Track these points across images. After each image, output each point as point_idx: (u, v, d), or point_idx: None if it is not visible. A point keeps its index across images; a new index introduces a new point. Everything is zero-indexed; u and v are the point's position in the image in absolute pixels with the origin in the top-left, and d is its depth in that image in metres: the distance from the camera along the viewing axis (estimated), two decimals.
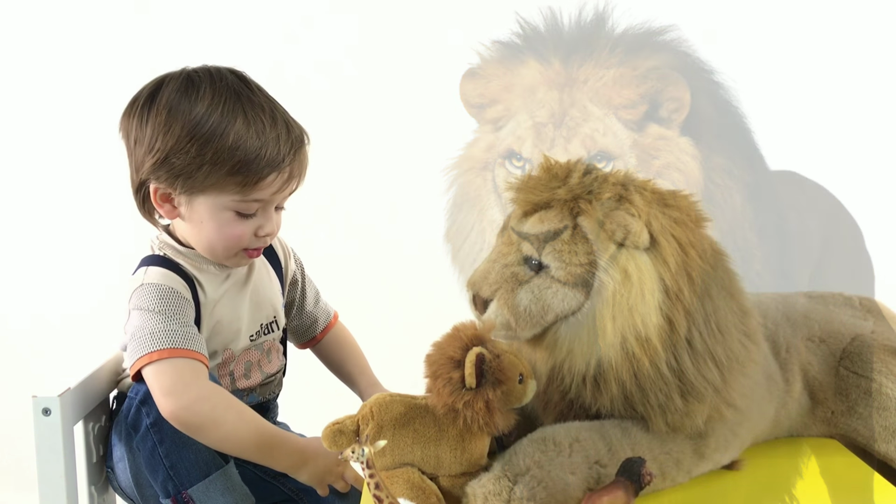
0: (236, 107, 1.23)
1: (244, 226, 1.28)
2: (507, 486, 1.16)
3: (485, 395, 1.17)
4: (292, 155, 1.26)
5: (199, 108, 1.23)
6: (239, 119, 1.22)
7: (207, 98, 1.24)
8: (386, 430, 1.20)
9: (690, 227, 1.25)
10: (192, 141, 1.22)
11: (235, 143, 1.21)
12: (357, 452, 1.14)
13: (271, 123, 1.24)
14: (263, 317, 1.40)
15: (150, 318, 1.24)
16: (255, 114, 1.24)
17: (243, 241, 1.29)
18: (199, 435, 1.21)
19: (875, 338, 1.44)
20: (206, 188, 1.24)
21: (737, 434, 1.30)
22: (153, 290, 1.26)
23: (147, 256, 1.33)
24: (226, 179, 1.23)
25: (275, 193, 1.27)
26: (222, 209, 1.26)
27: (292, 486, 1.42)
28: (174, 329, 1.22)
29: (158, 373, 1.20)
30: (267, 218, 1.29)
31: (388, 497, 1.14)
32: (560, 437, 1.19)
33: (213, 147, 1.21)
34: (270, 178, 1.24)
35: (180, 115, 1.23)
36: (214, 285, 1.33)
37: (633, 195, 1.21)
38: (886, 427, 1.37)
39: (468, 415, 1.17)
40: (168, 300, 1.25)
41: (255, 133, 1.22)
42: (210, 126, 1.22)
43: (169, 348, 1.21)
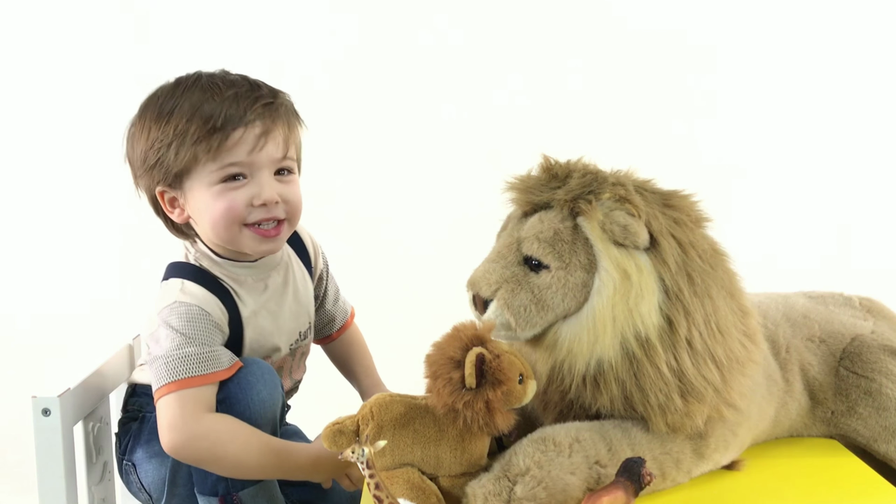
0: (195, 84, 1.24)
1: (235, 196, 1.23)
2: (506, 487, 1.16)
3: (485, 395, 1.17)
4: (259, 109, 1.22)
5: (163, 101, 1.24)
6: (195, 92, 1.22)
7: (169, 90, 1.25)
8: (386, 430, 1.20)
9: (690, 227, 1.25)
10: (158, 129, 1.22)
11: (191, 111, 1.20)
12: (357, 453, 1.13)
13: (229, 85, 1.23)
14: (301, 324, 1.38)
15: (174, 340, 1.21)
16: (213, 83, 1.23)
17: (237, 212, 1.24)
18: (203, 468, 1.21)
19: (875, 338, 1.44)
20: (187, 169, 1.22)
21: (737, 434, 1.30)
22: (185, 310, 1.23)
23: (183, 265, 1.30)
24: (195, 150, 1.20)
25: (252, 153, 1.22)
26: (208, 185, 1.23)
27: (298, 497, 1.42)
28: (192, 353, 1.20)
29: (165, 406, 1.20)
30: (259, 185, 1.23)
31: (388, 497, 1.14)
32: (560, 438, 1.19)
33: (173, 124, 1.21)
34: (237, 134, 1.21)
35: (148, 112, 1.26)
36: (254, 296, 1.30)
37: (632, 195, 1.21)
38: (886, 427, 1.37)
39: (468, 415, 1.17)
40: (197, 323, 1.22)
41: (210, 96, 1.21)
42: (170, 106, 1.22)
43: (179, 380, 1.19)
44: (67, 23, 2.37)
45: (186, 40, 2.36)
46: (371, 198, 2.37)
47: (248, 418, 1.21)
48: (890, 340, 1.44)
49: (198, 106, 1.21)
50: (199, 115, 1.20)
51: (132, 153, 1.29)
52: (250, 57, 2.30)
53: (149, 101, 1.28)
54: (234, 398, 1.21)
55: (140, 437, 1.32)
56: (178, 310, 1.23)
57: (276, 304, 1.33)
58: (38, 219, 2.41)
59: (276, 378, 1.27)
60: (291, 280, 1.36)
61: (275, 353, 1.34)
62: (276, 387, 1.25)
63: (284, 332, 1.34)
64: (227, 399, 1.21)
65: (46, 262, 2.41)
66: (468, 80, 2.41)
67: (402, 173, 2.41)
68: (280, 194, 1.25)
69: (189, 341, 1.20)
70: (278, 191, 1.25)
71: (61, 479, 1.25)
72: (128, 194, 1.34)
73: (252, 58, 2.28)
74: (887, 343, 1.44)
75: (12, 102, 2.39)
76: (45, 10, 2.37)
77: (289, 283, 1.35)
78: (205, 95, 1.21)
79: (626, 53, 2.42)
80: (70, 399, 1.27)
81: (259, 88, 1.25)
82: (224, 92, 1.22)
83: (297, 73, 2.36)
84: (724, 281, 1.25)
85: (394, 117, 2.41)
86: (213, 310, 1.24)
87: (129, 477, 1.35)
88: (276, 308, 1.33)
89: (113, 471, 1.45)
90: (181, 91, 1.24)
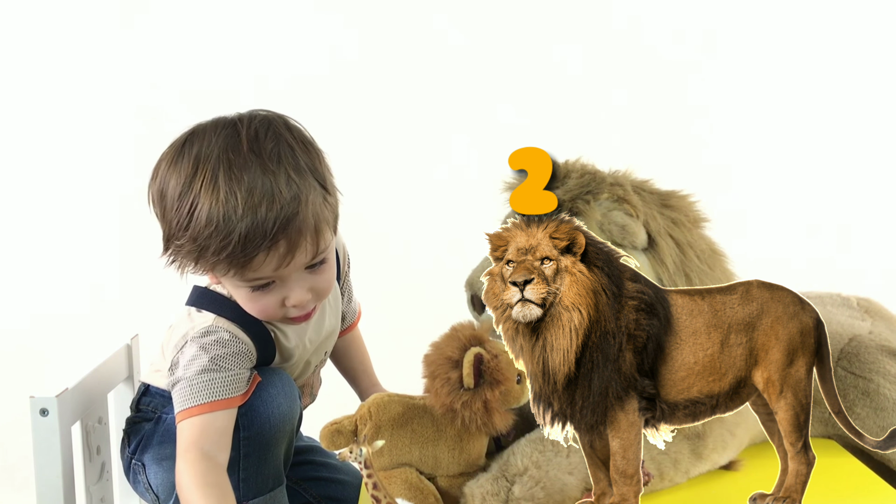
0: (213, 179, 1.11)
1: (266, 300, 1.18)
2: (504, 487, 1.16)
3: (483, 395, 1.17)
4: (281, 225, 1.11)
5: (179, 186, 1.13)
6: (213, 197, 1.10)
7: (184, 172, 1.13)
8: (384, 430, 1.20)
9: (689, 227, 1.25)
10: (177, 227, 1.14)
11: (208, 229, 1.10)
12: (355, 452, 1.14)
13: (248, 195, 1.10)
14: (329, 345, 1.39)
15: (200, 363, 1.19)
16: (232, 188, 1.10)
17: (272, 313, 1.20)
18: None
19: (873, 338, 1.44)
20: (207, 271, 1.17)
21: (734, 434, 1.30)
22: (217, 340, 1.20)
23: (219, 298, 1.24)
24: (216, 264, 1.13)
25: (277, 269, 1.14)
26: (235, 287, 1.18)
27: (315, 491, 1.43)
28: (213, 378, 1.19)
29: (182, 430, 1.19)
30: (289, 288, 1.17)
31: (386, 497, 1.14)
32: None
33: (191, 228, 1.11)
34: (260, 258, 1.12)
35: (167, 195, 1.14)
36: (296, 331, 1.28)
37: (630, 195, 1.21)
38: (884, 427, 1.37)
39: (466, 415, 1.17)
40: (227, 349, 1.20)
41: (228, 216, 1.09)
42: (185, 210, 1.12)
43: (191, 407, 1.18)
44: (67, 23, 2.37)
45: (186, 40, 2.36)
46: (370, 198, 2.37)
47: (269, 430, 1.22)
48: (888, 341, 1.44)
49: (215, 219, 1.10)
50: (217, 235, 1.10)
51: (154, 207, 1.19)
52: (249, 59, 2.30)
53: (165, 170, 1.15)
54: (256, 412, 1.21)
55: (153, 438, 1.32)
56: (209, 337, 1.20)
57: (315, 332, 1.33)
58: (36, 219, 2.41)
59: (296, 390, 1.27)
60: (326, 305, 1.35)
61: (303, 375, 1.35)
62: (294, 399, 1.26)
63: (316, 356, 1.36)
64: (249, 412, 1.21)
65: (45, 263, 2.41)
66: (467, 80, 2.41)
67: (400, 173, 2.41)
68: (312, 289, 1.20)
69: (215, 365, 1.19)
70: (310, 286, 1.19)
71: (59, 478, 1.25)
72: (127, 194, 1.32)
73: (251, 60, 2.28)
74: (885, 343, 1.44)
75: (13, 103, 2.39)
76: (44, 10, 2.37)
77: (325, 311, 1.34)
78: (221, 200, 1.10)
79: (625, 53, 2.42)
80: (68, 399, 1.27)
81: (280, 192, 1.11)
82: (240, 199, 1.10)
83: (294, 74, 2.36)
84: (722, 281, 1.25)
85: (392, 117, 2.41)
86: (247, 341, 1.22)
87: (138, 476, 1.35)
88: (315, 335, 1.33)
89: (111, 471, 1.45)
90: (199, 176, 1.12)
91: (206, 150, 1.13)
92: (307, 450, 1.46)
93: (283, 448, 1.26)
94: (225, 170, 1.11)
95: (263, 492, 1.25)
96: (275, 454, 1.25)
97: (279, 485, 1.28)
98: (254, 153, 1.13)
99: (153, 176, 1.18)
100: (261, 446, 1.23)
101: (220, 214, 1.09)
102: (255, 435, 1.22)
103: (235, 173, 1.11)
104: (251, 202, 1.10)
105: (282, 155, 1.14)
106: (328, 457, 1.47)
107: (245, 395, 1.21)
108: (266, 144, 1.14)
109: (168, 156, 1.16)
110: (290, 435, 1.27)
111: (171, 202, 1.14)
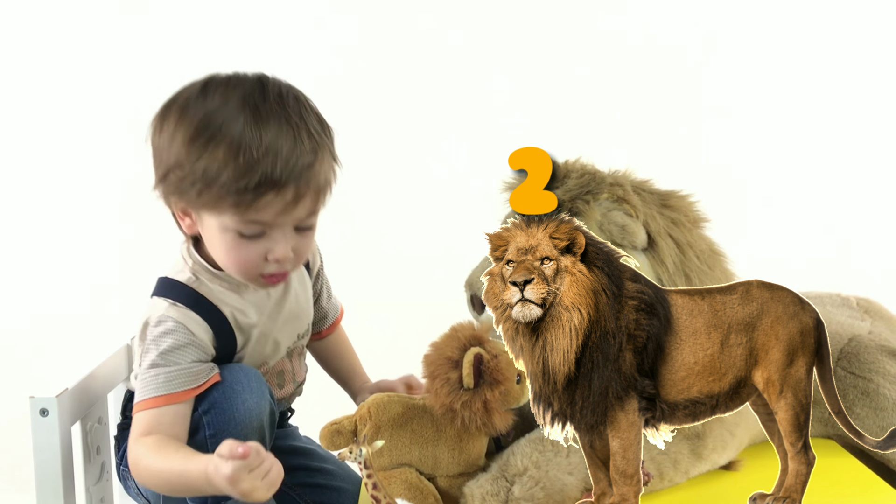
0: (238, 116, 1.15)
1: (249, 249, 1.19)
2: (504, 487, 1.16)
3: (483, 395, 1.17)
4: (297, 171, 1.15)
5: (199, 117, 1.16)
6: (236, 129, 1.14)
7: (215, 102, 1.17)
8: (384, 430, 1.20)
9: (688, 227, 1.25)
10: (187, 156, 1.16)
11: (226, 160, 1.13)
12: (355, 453, 1.14)
13: (274, 136, 1.15)
14: (300, 327, 1.37)
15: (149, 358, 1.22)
16: (257, 125, 1.15)
17: (251, 266, 1.21)
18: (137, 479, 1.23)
19: (873, 338, 1.44)
20: (204, 205, 1.18)
21: (734, 434, 1.30)
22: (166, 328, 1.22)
23: (173, 284, 1.26)
24: (221, 199, 1.15)
25: (279, 215, 1.17)
26: (224, 230, 1.19)
27: (309, 497, 1.42)
28: (164, 373, 1.21)
29: (135, 423, 1.22)
30: (275, 241, 1.19)
31: (386, 497, 1.14)
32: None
33: (204, 160, 1.14)
34: (268, 198, 1.15)
35: (183, 124, 1.17)
36: (257, 307, 1.29)
37: (630, 195, 1.21)
38: (884, 427, 1.37)
39: (466, 415, 1.17)
40: (177, 341, 1.22)
41: (250, 148, 1.13)
42: (203, 139, 1.15)
43: (145, 400, 1.20)
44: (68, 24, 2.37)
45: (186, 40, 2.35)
46: (370, 197, 2.37)
47: (234, 427, 1.21)
48: (887, 341, 1.44)
49: (236, 150, 1.13)
50: (234, 165, 1.13)
51: (155, 143, 1.22)
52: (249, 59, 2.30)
53: (186, 104, 1.19)
54: (220, 407, 1.21)
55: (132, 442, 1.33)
56: (159, 328, 1.22)
57: (277, 308, 1.32)
58: (37, 219, 2.41)
59: (264, 385, 1.26)
60: (293, 287, 1.36)
61: (272, 356, 1.33)
62: (261, 394, 1.25)
63: (284, 335, 1.34)
64: (213, 409, 1.21)
65: (45, 263, 2.41)
66: (467, 80, 2.41)
67: (399, 173, 2.41)
68: (295, 248, 1.22)
69: (163, 360, 1.21)
70: (294, 245, 1.21)
71: (59, 479, 1.24)
72: (127, 194, 1.33)
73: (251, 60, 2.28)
74: (885, 343, 1.44)
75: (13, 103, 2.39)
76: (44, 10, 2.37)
77: (290, 287, 1.35)
78: (242, 144, 1.14)
79: (625, 53, 2.42)
80: (68, 399, 1.27)
81: (301, 141, 1.17)
82: (264, 137, 1.14)
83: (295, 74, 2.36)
84: (722, 281, 1.25)
85: (391, 118, 2.41)
86: (197, 330, 1.23)
87: (128, 482, 1.35)
88: (277, 313, 1.32)
89: (111, 471, 1.45)
90: (221, 114, 1.16)
91: (231, 94, 1.17)
92: (303, 453, 1.44)
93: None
94: (251, 110, 1.16)
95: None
96: None
97: None
98: (279, 105, 1.18)
99: (164, 113, 1.20)
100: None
101: (243, 145, 1.13)
102: (221, 433, 1.21)
103: (262, 115, 1.16)
104: (276, 143, 1.15)
105: (303, 113, 1.19)
106: (325, 462, 1.45)
107: (200, 387, 1.21)
108: (289, 101, 1.19)
109: (187, 94, 1.19)
110: (260, 430, 1.25)
111: (187, 131, 1.16)
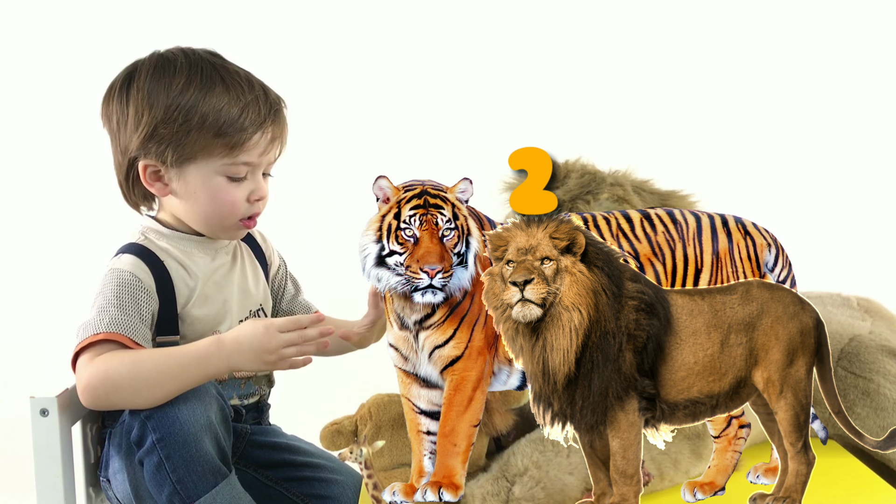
0: (213, 75, 1.32)
1: (237, 191, 1.33)
2: (504, 487, 1.16)
3: None
4: (273, 116, 1.33)
5: (179, 79, 1.31)
6: (218, 86, 1.31)
7: (184, 71, 1.32)
8: (384, 430, 1.20)
9: None
10: (178, 109, 1.29)
11: (218, 107, 1.29)
12: (355, 453, 1.14)
13: (248, 87, 1.33)
14: (251, 303, 1.42)
15: (101, 302, 1.29)
16: (232, 80, 1.32)
17: (238, 207, 1.34)
18: (122, 405, 1.25)
19: (873, 338, 1.44)
20: (196, 154, 1.30)
21: None
22: (115, 275, 1.30)
23: (128, 245, 1.36)
24: (213, 142, 1.29)
25: (261, 155, 1.33)
26: (213, 174, 1.31)
27: (297, 490, 1.41)
28: (112, 316, 1.27)
29: (77, 370, 1.26)
30: (256, 182, 1.35)
31: None
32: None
33: (198, 112, 1.29)
34: (255, 137, 1.31)
35: (162, 88, 1.31)
36: (202, 265, 1.37)
37: (630, 195, 1.21)
38: (884, 427, 1.37)
39: None
40: (125, 287, 1.30)
41: (235, 96, 1.31)
42: (192, 93, 1.30)
43: (87, 339, 1.26)
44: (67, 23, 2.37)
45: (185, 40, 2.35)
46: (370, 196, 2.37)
47: (180, 430, 1.23)
48: (888, 341, 1.44)
49: (223, 104, 1.30)
50: (227, 113, 1.30)
51: (122, 114, 1.34)
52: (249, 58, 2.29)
53: (158, 74, 1.33)
54: (161, 412, 1.24)
55: (110, 453, 1.34)
56: (108, 276, 1.30)
57: (224, 277, 1.39)
58: (37, 219, 2.41)
59: (208, 386, 1.27)
60: (240, 263, 1.43)
61: (222, 324, 1.36)
62: (203, 395, 1.27)
63: (234, 305, 1.38)
64: (154, 414, 1.23)
65: (45, 263, 2.41)
66: (467, 80, 2.41)
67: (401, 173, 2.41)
68: (265, 191, 1.37)
69: (112, 305, 1.28)
70: (265, 188, 1.37)
71: (59, 479, 1.25)
72: None
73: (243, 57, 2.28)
74: (885, 343, 1.44)
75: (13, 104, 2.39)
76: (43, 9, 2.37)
77: (237, 264, 1.42)
78: (228, 94, 1.31)
79: (625, 53, 2.42)
80: (68, 400, 1.27)
81: (269, 92, 1.36)
82: (246, 95, 1.32)
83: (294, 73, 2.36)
84: None
85: (389, 118, 2.41)
86: (143, 276, 1.31)
87: (108, 493, 1.36)
88: (223, 281, 1.39)
89: None
90: (196, 76, 1.32)
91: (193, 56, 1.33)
92: (287, 448, 1.42)
93: (209, 443, 1.24)
94: (220, 68, 1.33)
95: (205, 490, 1.24)
96: (201, 451, 1.23)
97: (223, 478, 1.26)
98: (235, 65, 1.36)
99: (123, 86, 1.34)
100: (179, 445, 1.22)
101: (230, 92, 1.30)
102: (168, 436, 1.22)
103: (230, 70, 1.34)
104: (254, 90, 1.33)
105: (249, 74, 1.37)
106: (312, 456, 1.43)
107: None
108: (231, 66, 1.36)
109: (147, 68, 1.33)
110: (211, 429, 1.25)
111: (172, 89, 1.30)
